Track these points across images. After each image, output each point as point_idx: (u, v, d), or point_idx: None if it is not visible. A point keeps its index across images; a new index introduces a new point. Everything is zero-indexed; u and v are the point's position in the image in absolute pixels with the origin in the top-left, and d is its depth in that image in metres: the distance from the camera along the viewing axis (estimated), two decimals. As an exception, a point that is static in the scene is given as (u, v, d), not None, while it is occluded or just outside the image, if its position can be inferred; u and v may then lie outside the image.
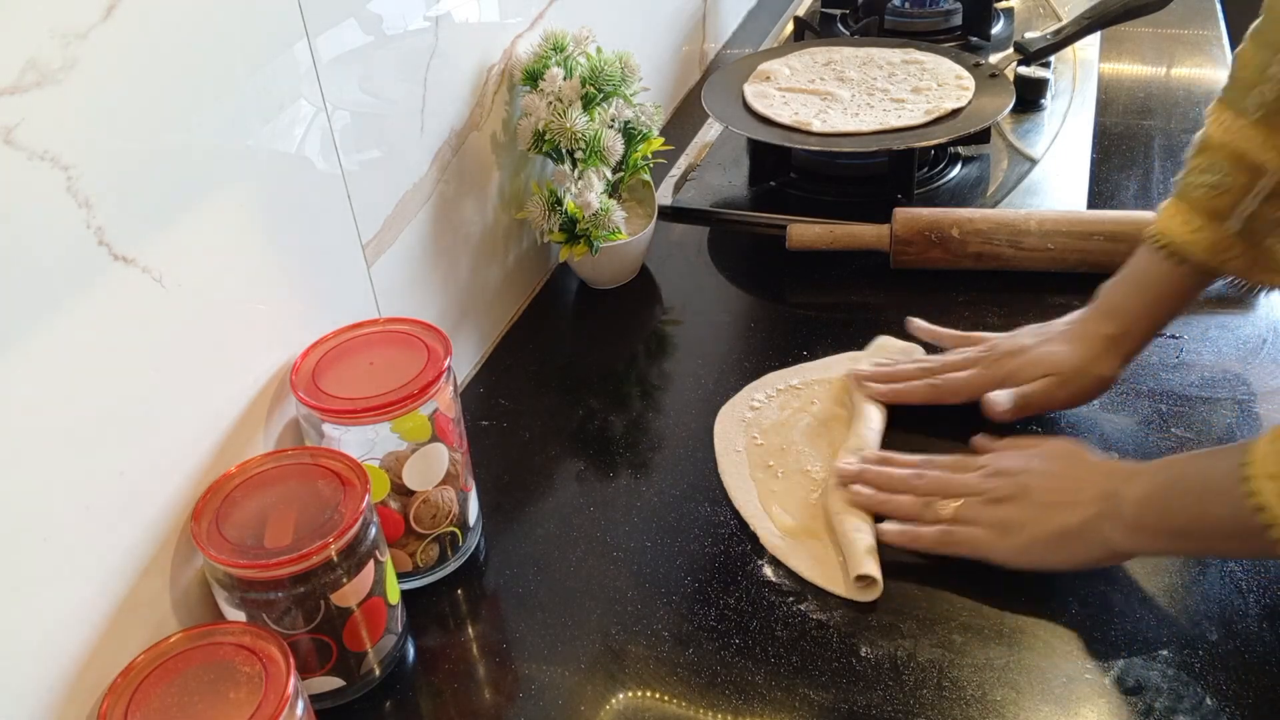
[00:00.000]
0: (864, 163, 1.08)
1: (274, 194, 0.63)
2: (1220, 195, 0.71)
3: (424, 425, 0.65)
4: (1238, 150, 0.70)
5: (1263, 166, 0.69)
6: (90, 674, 0.53)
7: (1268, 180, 0.69)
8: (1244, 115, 0.70)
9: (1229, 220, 0.71)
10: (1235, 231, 0.71)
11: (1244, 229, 0.71)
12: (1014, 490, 0.67)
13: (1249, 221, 0.71)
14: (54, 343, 0.49)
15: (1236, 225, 0.71)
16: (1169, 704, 0.58)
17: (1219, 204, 0.71)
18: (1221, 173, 0.70)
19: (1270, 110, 0.68)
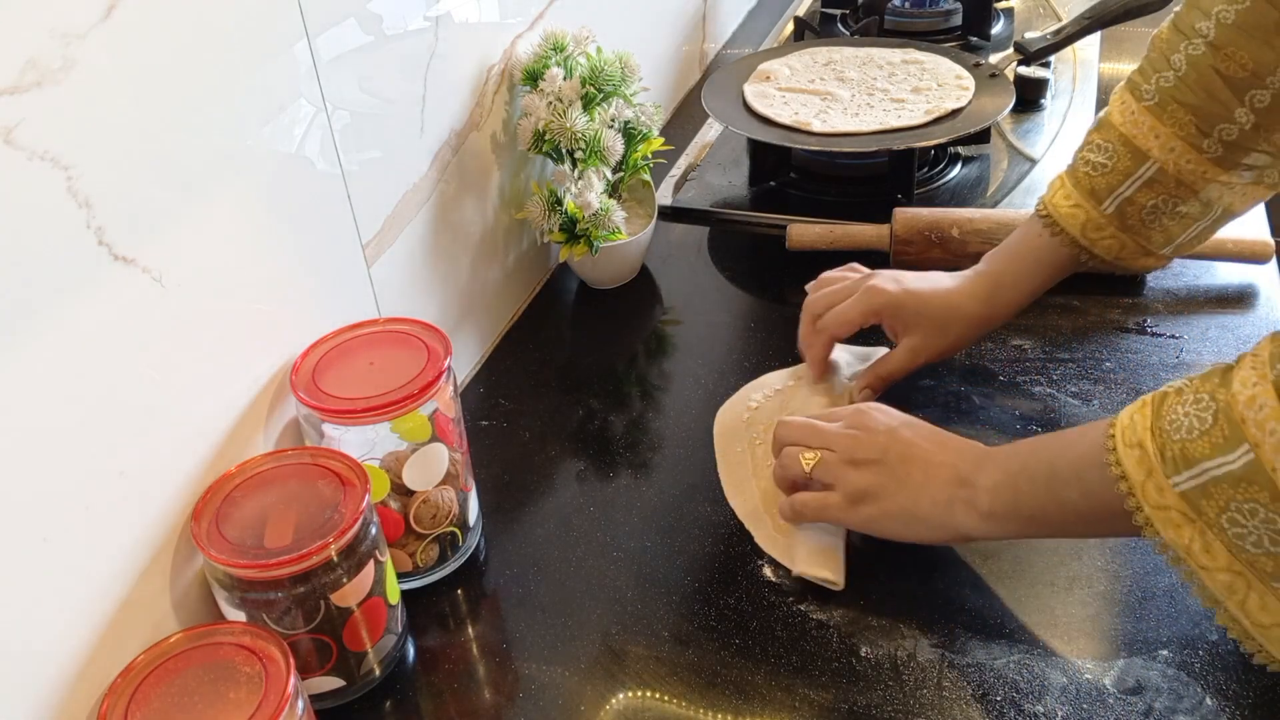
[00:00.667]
0: (864, 163, 1.08)
1: (274, 194, 0.63)
2: (1102, 176, 0.72)
3: (424, 425, 0.65)
4: (1127, 134, 0.71)
5: (1146, 153, 0.70)
6: (90, 674, 0.53)
7: (1147, 168, 0.70)
8: (1141, 99, 0.70)
9: (1104, 202, 0.72)
10: (1109, 214, 0.72)
11: (1117, 212, 0.72)
12: (872, 454, 0.66)
13: (1123, 206, 0.72)
14: (54, 343, 0.49)
15: (1110, 208, 0.72)
16: (1169, 704, 0.58)
17: (1098, 184, 0.72)
18: (1108, 154, 0.71)
19: (1164, 98, 0.69)
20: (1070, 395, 0.80)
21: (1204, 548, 0.49)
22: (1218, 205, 0.71)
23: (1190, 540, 0.50)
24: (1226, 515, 0.48)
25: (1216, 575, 0.49)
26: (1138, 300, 0.90)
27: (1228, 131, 0.67)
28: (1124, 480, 0.52)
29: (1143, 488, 0.51)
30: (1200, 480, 0.49)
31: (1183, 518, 0.50)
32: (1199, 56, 0.66)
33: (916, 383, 0.83)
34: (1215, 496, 0.48)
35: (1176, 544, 0.50)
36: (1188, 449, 0.50)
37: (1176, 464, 0.50)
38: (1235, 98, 0.65)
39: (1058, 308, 0.89)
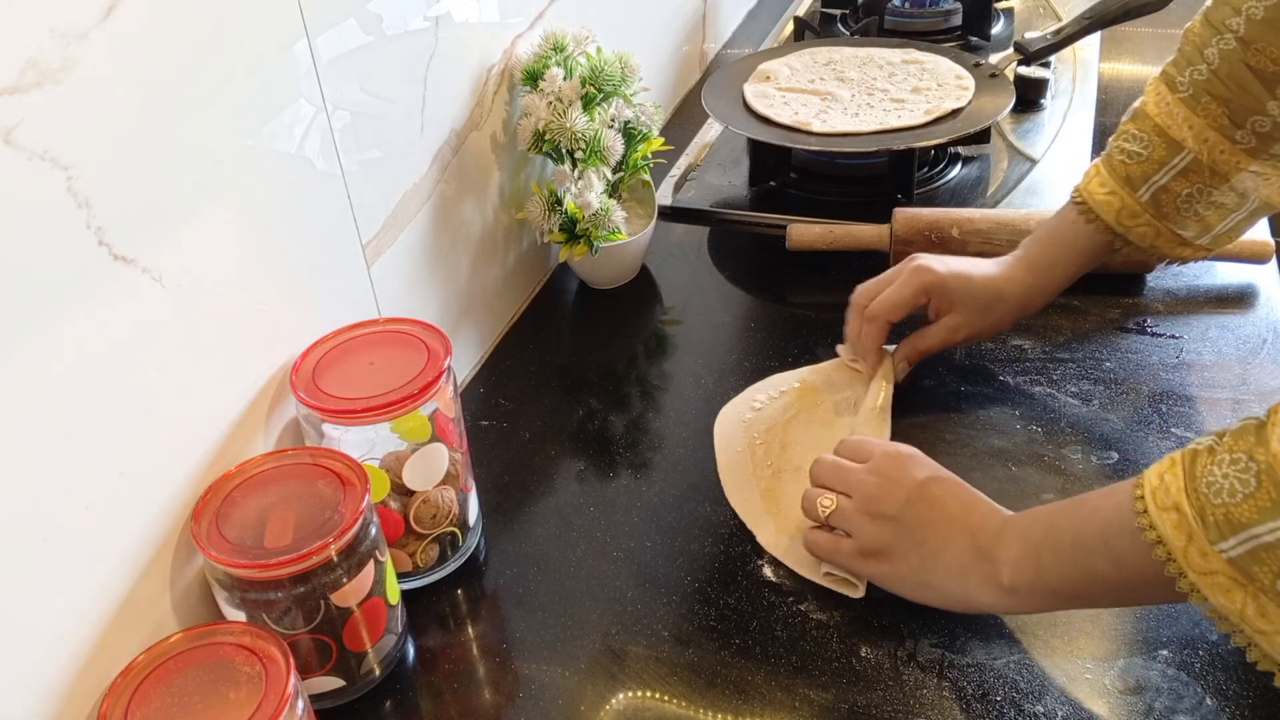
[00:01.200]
0: (864, 163, 1.08)
1: (274, 194, 0.63)
2: (1137, 164, 0.72)
3: (424, 425, 0.65)
4: (1162, 124, 0.71)
5: (1181, 144, 0.71)
6: (90, 674, 0.53)
7: (1182, 158, 0.71)
8: (1176, 90, 0.71)
9: (1140, 189, 0.73)
10: (1144, 201, 0.73)
11: (1152, 200, 0.73)
12: (890, 510, 0.64)
13: (1158, 194, 0.72)
14: (54, 343, 0.49)
15: (1146, 195, 0.73)
16: (1169, 704, 0.58)
17: (1133, 172, 0.73)
18: (1143, 143, 0.72)
19: (1198, 90, 0.70)
20: (1070, 395, 0.80)
21: (1259, 612, 0.47)
22: (1253, 196, 0.71)
23: (1243, 605, 0.48)
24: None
25: (1275, 639, 0.47)
26: (1138, 300, 0.90)
27: (1260, 124, 0.68)
28: (1161, 546, 0.50)
29: (1185, 553, 0.49)
30: (1249, 546, 0.47)
31: (1232, 583, 0.48)
32: (1230, 51, 0.67)
33: (917, 383, 0.83)
34: (1267, 562, 0.46)
35: (1229, 610, 0.48)
36: (1232, 514, 0.47)
37: (1221, 530, 0.48)
38: (1267, 91, 0.66)
39: (1058, 308, 0.89)
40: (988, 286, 0.79)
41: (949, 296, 0.79)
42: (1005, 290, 0.78)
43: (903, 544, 0.63)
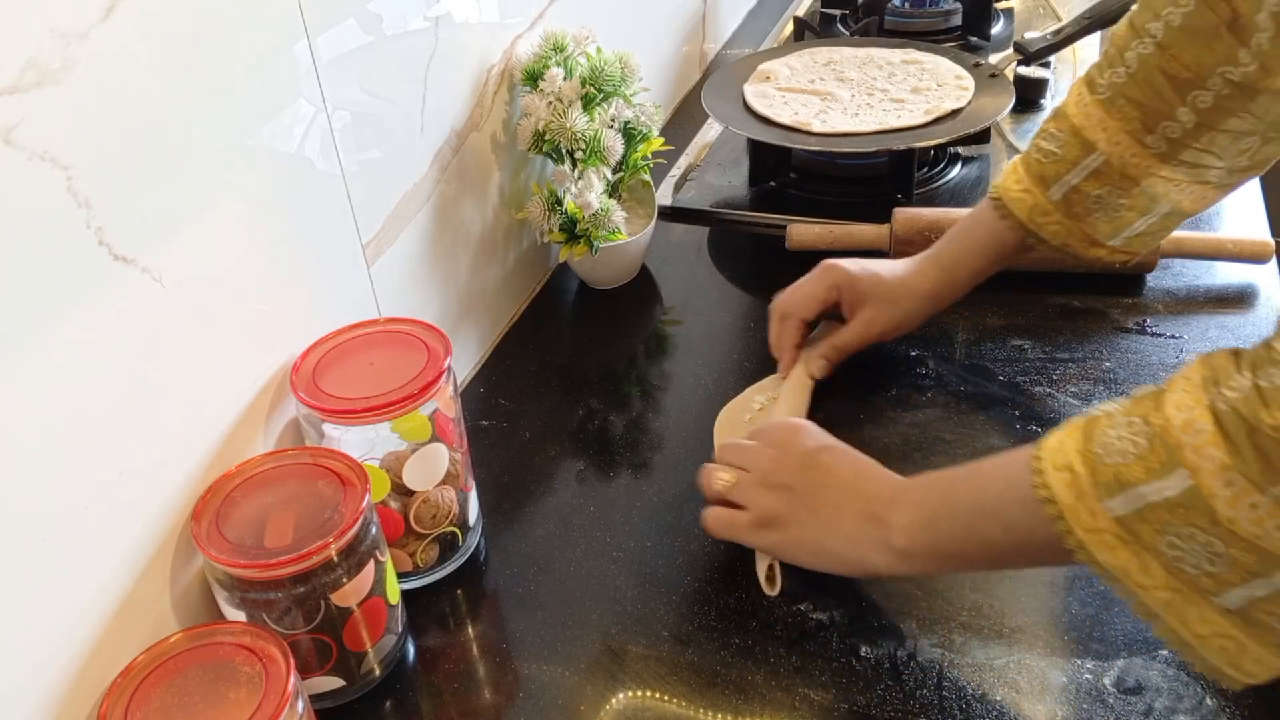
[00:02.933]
0: (864, 163, 1.08)
1: (274, 194, 0.63)
2: (1051, 163, 0.73)
3: (424, 425, 0.65)
4: (1078, 125, 0.72)
5: (1093, 145, 0.72)
6: (90, 674, 0.53)
7: (1094, 159, 0.71)
8: (1095, 92, 0.72)
9: (1051, 188, 0.74)
10: (1055, 200, 0.74)
11: (1064, 199, 0.74)
12: (784, 479, 0.66)
13: (1069, 194, 0.73)
14: (54, 343, 0.49)
15: (1057, 195, 0.74)
16: (1169, 704, 0.58)
17: (1047, 171, 0.74)
18: (1059, 143, 0.73)
19: (1115, 93, 0.70)
20: (1070, 395, 0.80)
21: (1141, 568, 0.49)
22: (1164, 201, 0.72)
23: (1126, 562, 0.49)
24: (1164, 539, 0.48)
25: (1154, 593, 0.49)
26: (1138, 300, 0.90)
27: (1171, 129, 0.69)
28: (1052, 504, 0.52)
29: (1073, 511, 0.51)
30: (1135, 505, 0.48)
31: (1117, 540, 0.49)
32: (1147, 56, 0.68)
33: (917, 383, 0.83)
34: (1151, 521, 0.48)
35: (1112, 566, 0.50)
36: (1121, 473, 0.49)
37: (1109, 488, 0.49)
38: (1179, 97, 0.67)
39: (1058, 308, 0.89)
40: (896, 281, 0.81)
41: (859, 292, 0.81)
42: (913, 284, 0.81)
43: (797, 512, 0.65)
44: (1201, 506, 0.46)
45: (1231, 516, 0.45)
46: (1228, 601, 0.47)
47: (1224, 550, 0.46)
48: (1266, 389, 0.45)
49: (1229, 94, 0.65)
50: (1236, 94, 0.65)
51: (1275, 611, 0.46)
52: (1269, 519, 0.45)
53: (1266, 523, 0.45)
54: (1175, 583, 0.48)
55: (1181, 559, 0.47)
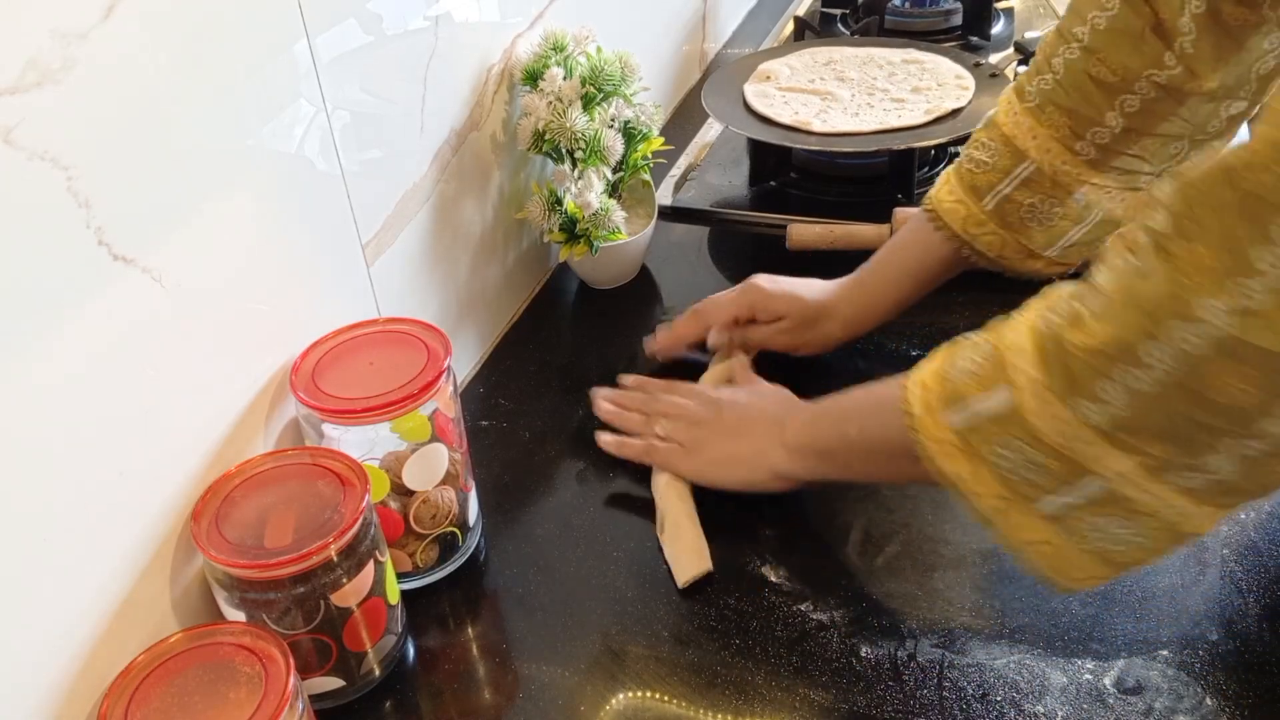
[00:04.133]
0: (864, 163, 1.08)
1: (274, 194, 0.63)
2: (983, 173, 0.74)
3: (424, 425, 0.65)
4: (1009, 134, 0.73)
5: (1025, 153, 0.72)
6: (90, 674, 0.53)
7: (1024, 168, 0.72)
8: (1024, 100, 0.72)
9: (985, 198, 0.74)
10: (989, 210, 0.74)
11: (997, 209, 0.74)
12: (710, 415, 0.74)
13: (1002, 203, 0.74)
14: (54, 343, 0.49)
15: (990, 204, 0.74)
16: (1169, 704, 0.58)
17: (979, 181, 0.74)
18: (990, 152, 0.74)
19: (1044, 100, 0.71)
20: (1070, 395, 0.80)
21: (974, 475, 0.53)
22: (1096, 209, 0.72)
23: (962, 469, 0.54)
24: (991, 449, 0.52)
25: (987, 500, 0.53)
26: (1138, 300, 0.90)
27: (1100, 135, 0.69)
28: (909, 415, 0.57)
29: (922, 421, 0.56)
30: (968, 416, 0.53)
31: (956, 450, 0.54)
32: (1075, 60, 0.69)
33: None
34: (981, 431, 0.53)
35: (951, 473, 0.54)
36: (960, 389, 0.54)
37: (949, 401, 0.54)
38: (1106, 102, 0.68)
39: (1058, 308, 0.89)
40: (813, 304, 0.82)
41: (774, 310, 0.83)
42: (832, 308, 0.82)
43: (716, 434, 0.73)
44: (1017, 419, 0.51)
45: (1040, 428, 0.50)
46: (1046, 508, 0.51)
47: (1039, 459, 0.50)
48: (1080, 310, 0.49)
49: (1156, 97, 0.66)
50: (1164, 97, 0.66)
51: (1086, 519, 0.51)
52: (1070, 429, 0.49)
53: (1068, 433, 0.49)
54: (1003, 490, 0.52)
55: (1005, 467, 0.52)
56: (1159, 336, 0.45)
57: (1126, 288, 0.47)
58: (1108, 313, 0.48)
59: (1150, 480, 0.48)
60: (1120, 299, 0.47)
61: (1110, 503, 0.49)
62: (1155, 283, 0.46)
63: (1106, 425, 0.48)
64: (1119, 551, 0.51)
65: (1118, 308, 0.47)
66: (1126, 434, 0.48)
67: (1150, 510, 0.49)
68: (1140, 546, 0.51)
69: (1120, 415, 0.47)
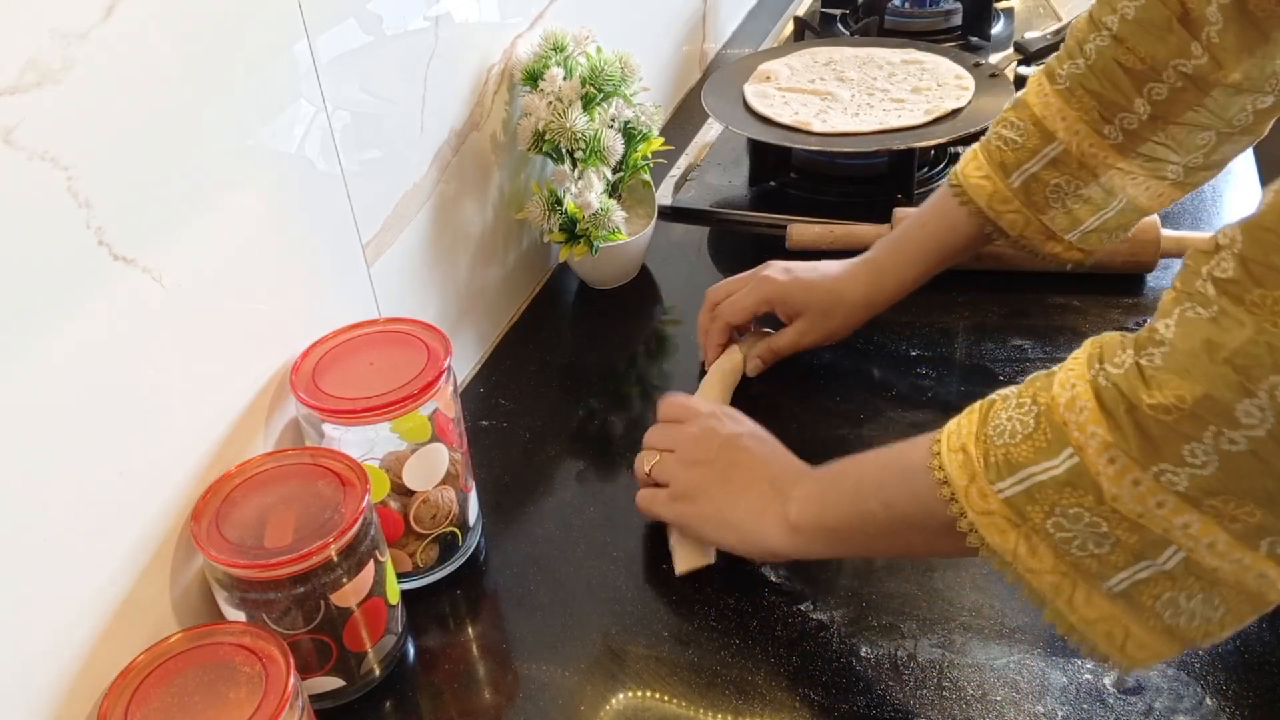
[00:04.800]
0: (864, 163, 1.08)
1: (274, 194, 0.63)
2: (1011, 151, 0.74)
3: (424, 425, 0.65)
4: (1039, 115, 0.73)
5: (1053, 134, 0.72)
6: (90, 674, 0.53)
7: (1053, 148, 0.72)
8: (1055, 83, 0.73)
9: (1011, 176, 0.74)
10: (1015, 188, 0.74)
11: (1023, 187, 0.74)
12: (705, 455, 0.68)
13: (1028, 182, 0.74)
14: (54, 343, 0.49)
15: (1017, 182, 0.74)
16: (1169, 704, 0.58)
17: (1007, 158, 0.74)
18: (1019, 131, 0.74)
19: (1074, 83, 0.71)
20: (1070, 395, 0.80)
21: (1030, 551, 0.49)
22: (1120, 194, 0.73)
23: (1016, 545, 0.49)
24: (1052, 520, 0.48)
25: (1044, 577, 0.49)
26: (1138, 300, 0.90)
27: (1128, 120, 0.69)
28: (946, 485, 0.52)
29: (966, 493, 0.51)
30: (1024, 486, 0.49)
31: (1007, 523, 0.50)
32: (1105, 48, 0.69)
33: (917, 383, 0.83)
34: (1040, 502, 0.48)
35: (1002, 549, 0.50)
36: (1011, 454, 0.49)
37: (999, 470, 0.50)
38: (1135, 89, 0.68)
39: (1058, 308, 0.89)
40: (828, 291, 0.82)
41: (792, 304, 0.82)
42: (846, 293, 0.81)
43: (711, 485, 0.66)
44: (1087, 485, 0.46)
45: (1115, 494, 0.46)
46: (1113, 585, 0.47)
47: (1108, 531, 0.46)
48: (1146, 368, 0.45)
49: (1182, 86, 0.66)
50: (1190, 87, 0.66)
51: (1157, 594, 0.47)
52: (1150, 496, 0.45)
53: (1148, 500, 0.45)
54: (1063, 566, 0.48)
55: (1069, 541, 0.48)
56: (1257, 393, 0.41)
57: (1207, 341, 0.43)
58: (1189, 369, 0.43)
59: (1239, 548, 0.44)
60: (1202, 354, 0.43)
61: (1189, 575, 0.46)
62: (1243, 334, 0.42)
63: (1191, 490, 0.44)
64: (1191, 628, 0.47)
65: (1200, 363, 0.43)
66: (1214, 498, 0.44)
67: (1234, 580, 0.45)
68: (1215, 621, 0.47)
69: (1208, 479, 0.43)
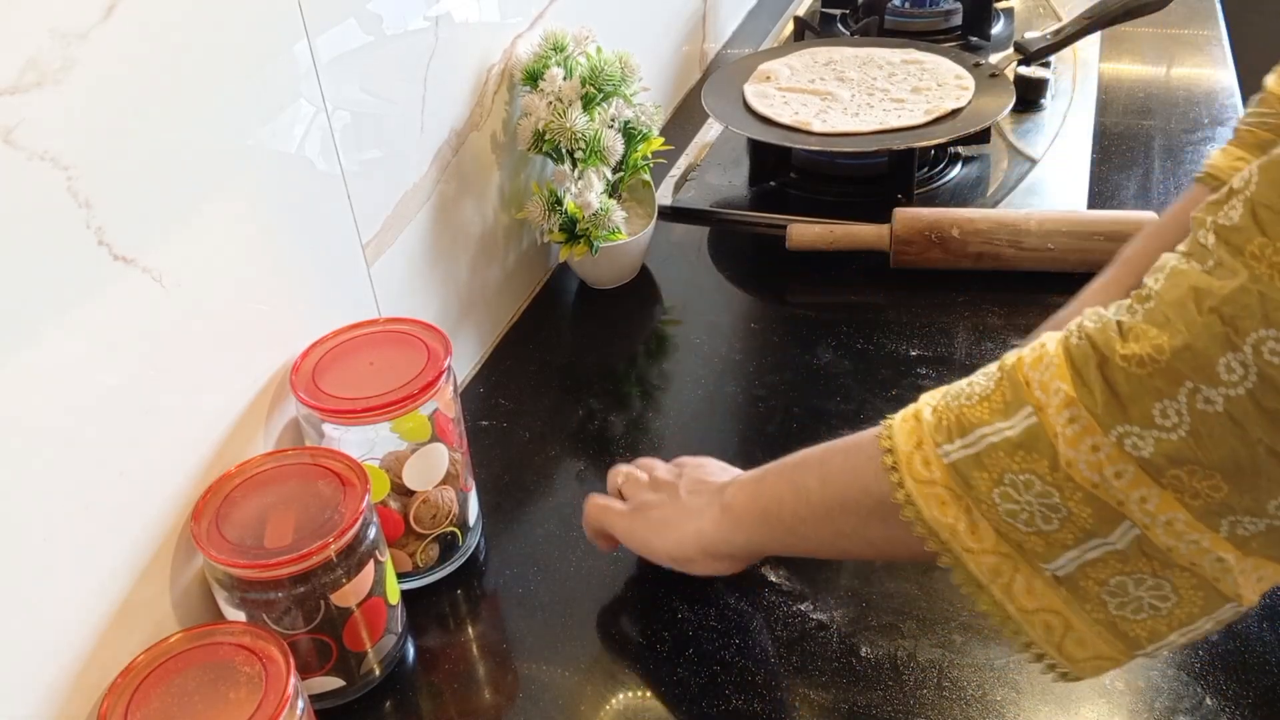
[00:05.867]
0: (864, 163, 1.08)
1: (274, 194, 0.63)
2: (1265, 130, 0.71)
3: (424, 425, 0.65)
4: None
5: None
6: (90, 674, 0.53)
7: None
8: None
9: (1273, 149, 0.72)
10: None
11: None
12: (672, 478, 0.66)
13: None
14: (54, 343, 0.49)
15: None
16: (1169, 704, 0.58)
17: (1263, 137, 0.71)
18: (1269, 112, 0.71)
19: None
20: (1070, 395, 0.80)
21: (970, 528, 0.45)
22: None
23: (955, 519, 0.45)
24: (999, 489, 0.44)
25: (982, 558, 0.45)
26: (1138, 300, 0.90)
27: None
28: (890, 454, 0.48)
29: (909, 460, 0.47)
30: (973, 449, 0.45)
31: (949, 493, 0.46)
32: None
33: (917, 383, 0.83)
34: (988, 467, 0.44)
35: (940, 524, 0.46)
36: (965, 414, 0.46)
37: (950, 431, 0.46)
38: None
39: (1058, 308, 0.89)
40: None
41: None
42: None
43: (665, 503, 0.64)
44: (1042, 447, 0.43)
45: (1071, 459, 0.42)
46: (1058, 567, 0.44)
47: (1059, 502, 0.43)
48: (1126, 322, 0.42)
49: None
50: None
51: (1103, 578, 0.43)
52: (1108, 463, 0.41)
53: (1105, 468, 0.41)
54: (1005, 546, 0.45)
55: (1015, 514, 0.44)
56: (1242, 347, 0.38)
57: (1195, 289, 0.40)
58: (1171, 319, 0.40)
59: (1198, 525, 0.41)
60: (1188, 302, 0.40)
61: (1139, 555, 0.42)
62: (1235, 283, 0.38)
63: (1156, 457, 0.40)
64: (1137, 622, 0.44)
65: (1185, 312, 0.40)
66: (1179, 468, 0.40)
67: (1187, 562, 0.42)
68: (1164, 614, 0.43)
69: (1175, 444, 0.40)
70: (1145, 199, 1.03)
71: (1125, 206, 1.02)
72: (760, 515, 0.57)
